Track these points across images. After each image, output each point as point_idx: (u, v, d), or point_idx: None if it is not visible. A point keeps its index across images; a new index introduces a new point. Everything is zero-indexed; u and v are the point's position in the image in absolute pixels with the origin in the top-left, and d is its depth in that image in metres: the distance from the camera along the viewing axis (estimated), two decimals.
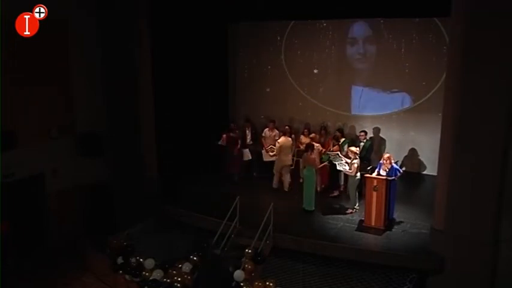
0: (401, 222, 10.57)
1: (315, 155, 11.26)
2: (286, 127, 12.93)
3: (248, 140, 13.72)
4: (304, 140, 12.54)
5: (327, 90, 14.72)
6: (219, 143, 13.15)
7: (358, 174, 10.83)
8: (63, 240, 11.29)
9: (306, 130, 13.22)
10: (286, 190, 12.21)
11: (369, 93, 14.10)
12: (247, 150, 13.39)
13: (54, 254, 10.96)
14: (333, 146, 11.93)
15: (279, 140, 12.29)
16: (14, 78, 10.30)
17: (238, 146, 13.15)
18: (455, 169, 8.94)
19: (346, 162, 10.80)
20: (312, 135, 12.64)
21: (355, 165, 10.70)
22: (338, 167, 11.07)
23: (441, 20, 12.58)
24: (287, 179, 12.23)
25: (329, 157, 11.33)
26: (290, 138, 12.45)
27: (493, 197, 8.47)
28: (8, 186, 10.14)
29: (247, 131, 13.88)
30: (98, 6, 11.91)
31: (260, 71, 15.56)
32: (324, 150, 12.09)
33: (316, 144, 11.68)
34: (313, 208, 11.08)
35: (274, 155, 12.38)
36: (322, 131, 13.13)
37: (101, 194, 12.22)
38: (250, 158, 13.37)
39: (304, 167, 11.26)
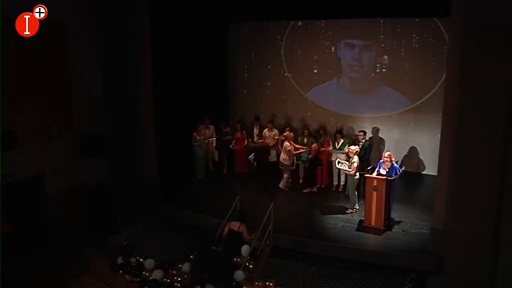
0: (401, 222, 10.57)
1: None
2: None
3: (255, 137, 13.83)
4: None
5: (327, 90, 14.71)
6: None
7: (357, 173, 10.84)
8: (63, 240, 11.27)
9: (306, 131, 13.20)
10: None
11: (369, 93, 14.10)
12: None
13: (54, 253, 10.95)
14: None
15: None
16: (14, 78, 10.29)
17: (245, 145, 13.36)
18: (455, 169, 8.95)
19: (346, 162, 10.82)
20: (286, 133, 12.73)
21: (355, 164, 10.70)
22: (337, 166, 11.12)
23: (441, 20, 12.59)
24: None
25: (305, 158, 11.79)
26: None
27: (493, 196, 8.47)
28: (8, 186, 10.12)
29: (255, 129, 14.03)
30: (98, 6, 11.91)
31: (260, 71, 15.55)
32: (294, 149, 12.25)
33: (286, 143, 12.21)
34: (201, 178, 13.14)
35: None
36: (321, 131, 13.14)
37: (101, 194, 12.18)
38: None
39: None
